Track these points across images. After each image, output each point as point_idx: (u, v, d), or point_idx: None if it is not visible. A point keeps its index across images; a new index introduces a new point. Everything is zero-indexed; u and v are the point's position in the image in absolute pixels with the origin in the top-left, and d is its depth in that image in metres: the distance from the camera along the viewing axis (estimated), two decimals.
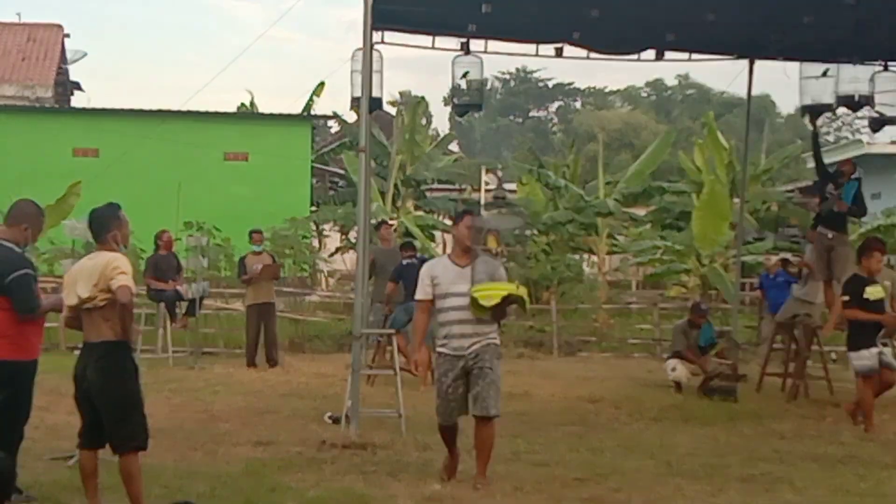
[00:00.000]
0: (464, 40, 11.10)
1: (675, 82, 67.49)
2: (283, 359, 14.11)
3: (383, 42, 10.50)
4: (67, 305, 5.94)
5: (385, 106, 11.97)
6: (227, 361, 14.39)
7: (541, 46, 11.61)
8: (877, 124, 12.41)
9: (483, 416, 6.84)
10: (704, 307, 12.99)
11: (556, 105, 73.57)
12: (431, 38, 11.16)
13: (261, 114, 28.23)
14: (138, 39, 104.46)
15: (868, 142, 27.97)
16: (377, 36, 10.21)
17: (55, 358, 11.43)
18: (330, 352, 15.87)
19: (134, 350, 6.07)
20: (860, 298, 9.42)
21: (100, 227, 5.95)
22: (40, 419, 8.08)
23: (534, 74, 69.85)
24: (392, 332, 10.88)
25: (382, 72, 10.36)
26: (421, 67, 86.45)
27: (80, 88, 33.02)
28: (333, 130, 36.47)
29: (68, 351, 12.85)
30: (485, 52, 11.34)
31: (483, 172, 28.12)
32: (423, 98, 27.47)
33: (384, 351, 12.26)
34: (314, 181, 27.25)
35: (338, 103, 33.52)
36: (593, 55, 11.86)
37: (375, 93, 10.11)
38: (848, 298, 9.54)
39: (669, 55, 12.11)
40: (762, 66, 12.90)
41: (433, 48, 11.25)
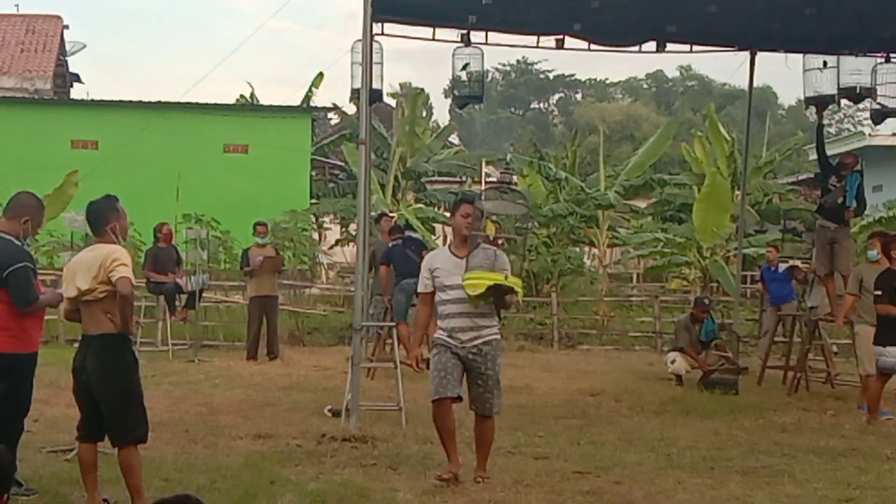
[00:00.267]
0: (464, 32, 11.08)
1: (677, 74, 67.51)
2: (283, 352, 14.10)
3: (383, 33, 10.48)
4: (66, 298, 5.93)
5: (385, 98, 11.93)
6: (227, 354, 14.39)
7: (541, 38, 11.58)
8: (878, 116, 12.39)
9: (485, 415, 6.82)
10: (707, 302, 12.96)
11: (557, 97, 73.56)
12: (432, 30, 11.14)
13: (260, 106, 28.17)
14: (137, 31, 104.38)
15: (870, 133, 27.90)
16: (377, 27, 10.18)
17: (54, 350, 11.44)
18: (330, 344, 15.87)
19: (134, 342, 6.05)
20: (893, 294, 9.33)
21: (98, 220, 5.93)
22: (40, 412, 8.06)
23: (534, 66, 69.84)
24: (392, 325, 10.86)
25: (383, 63, 10.33)
26: (421, 59, 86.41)
27: (80, 80, 33.01)
28: (333, 122, 36.43)
29: (67, 343, 12.87)
30: (485, 44, 11.33)
31: (483, 164, 28.09)
32: (423, 90, 27.44)
33: (384, 344, 12.24)
34: (314, 173, 27.21)
35: (337, 95, 33.56)
36: (594, 47, 11.83)
37: (375, 84, 10.09)
38: (881, 293, 9.43)
39: (670, 47, 12.09)
40: (763, 58, 12.88)
41: (433, 40, 11.23)
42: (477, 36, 11.21)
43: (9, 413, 6.02)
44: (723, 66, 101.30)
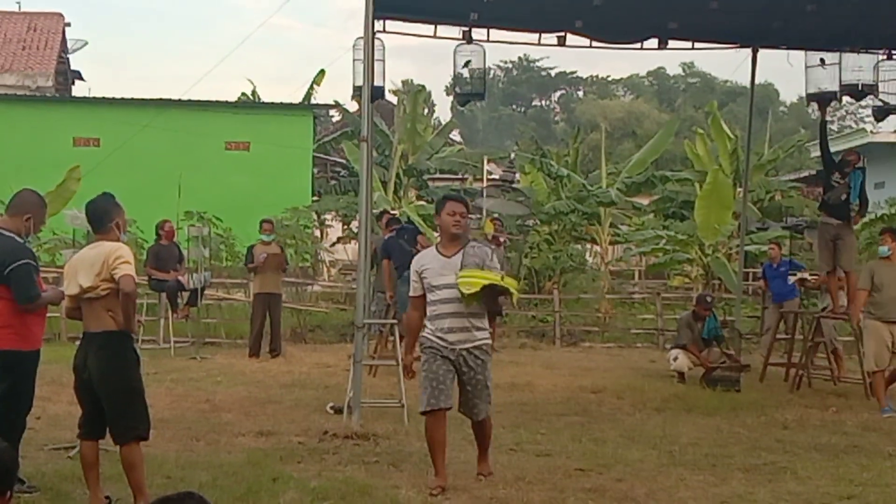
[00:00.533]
0: (466, 29, 11.07)
1: (678, 71, 67.50)
2: (285, 349, 14.11)
3: (385, 31, 10.46)
4: (68, 295, 5.92)
5: (387, 95, 11.92)
6: (229, 351, 14.40)
7: (543, 35, 11.58)
8: (881, 113, 12.39)
9: (475, 420, 6.75)
10: (709, 299, 12.93)
11: (559, 94, 73.55)
12: (433, 27, 11.13)
13: (262, 103, 28.16)
14: (139, 28, 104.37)
15: (872, 130, 27.86)
16: (379, 24, 10.18)
17: (56, 348, 11.44)
18: (332, 342, 15.88)
19: (135, 340, 6.06)
20: None
21: (101, 217, 5.92)
22: (42, 409, 8.07)
23: (536, 63, 69.83)
24: (394, 322, 10.84)
25: (385, 60, 10.33)
26: (423, 56, 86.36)
27: (81, 78, 32.99)
28: (335, 120, 36.41)
29: (69, 341, 12.87)
30: (487, 41, 11.32)
31: (485, 162, 28.07)
32: (425, 87, 27.43)
33: (386, 341, 12.24)
34: (315, 171, 27.20)
35: (339, 92, 33.60)
36: (596, 44, 11.82)
37: (377, 81, 10.09)
38: None
39: (672, 44, 12.07)
40: (765, 55, 12.85)
41: (435, 37, 11.22)
42: (478, 33, 11.20)
43: (11, 410, 6.03)
44: (725, 63, 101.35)
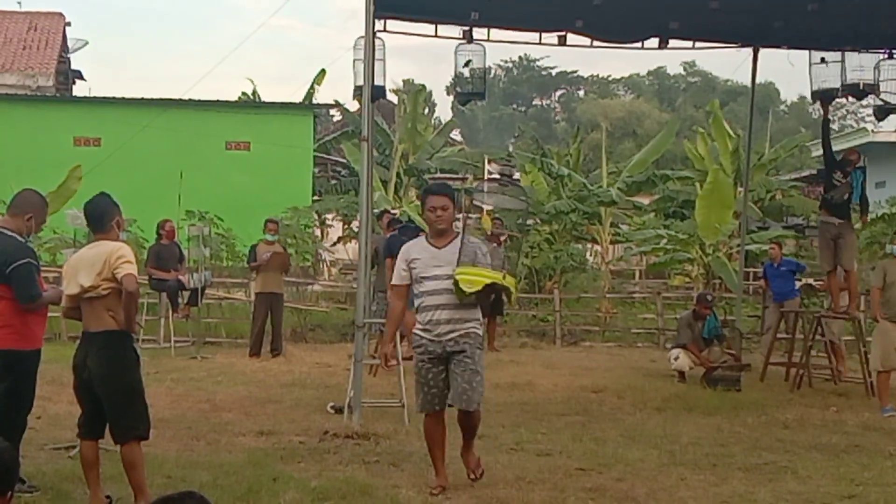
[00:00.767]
0: (466, 28, 11.05)
1: (679, 70, 67.51)
2: (286, 348, 14.10)
3: (385, 30, 10.45)
4: (67, 295, 5.90)
5: (388, 94, 11.92)
6: (230, 351, 14.39)
7: (544, 35, 11.56)
8: (882, 112, 12.37)
9: (464, 410, 6.43)
10: (710, 298, 12.93)
11: (559, 93, 73.55)
12: (434, 27, 11.11)
13: (262, 103, 28.17)
14: (140, 28, 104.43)
15: (873, 130, 27.86)
16: (379, 24, 10.17)
17: (57, 348, 11.43)
18: (332, 341, 15.87)
19: (136, 339, 6.05)
20: None
21: (101, 216, 5.92)
22: (42, 409, 8.07)
23: (536, 63, 69.85)
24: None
25: (385, 60, 10.32)
26: (423, 56, 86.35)
27: (82, 77, 32.97)
28: (336, 119, 36.42)
29: (70, 341, 12.86)
30: (487, 41, 11.31)
31: (486, 161, 28.08)
32: (424, 86, 27.43)
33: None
34: (316, 170, 27.20)
35: (339, 92, 33.66)
36: (596, 43, 11.81)
37: (378, 81, 10.07)
38: None
39: (673, 43, 12.05)
40: (766, 55, 12.85)
41: (436, 36, 11.21)
42: (479, 32, 11.19)
43: (12, 410, 6.03)
44: (726, 63, 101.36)
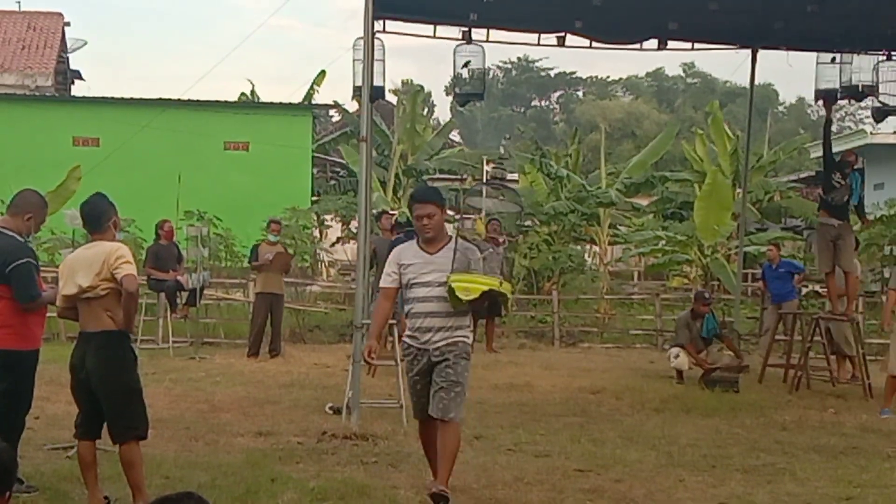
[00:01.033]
0: (465, 29, 11.06)
1: (678, 72, 67.52)
2: (284, 349, 14.10)
3: (385, 31, 10.46)
4: (64, 295, 5.87)
5: (387, 95, 11.91)
6: (228, 351, 14.38)
7: (543, 36, 11.57)
8: (880, 114, 12.39)
9: (440, 419, 6.16)
10: (707, 296, 12.94)
11: (558, 94, 73.52)
12: (433, 27, 11.13)
13: (261, 103, 28.16)
14: (139, 28, 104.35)
15: (871, 132, 27.86)
16: (379, 24, 10.18)
17: (55, 348, 11.41)
18: (331, 342, 15.86)
19: (133, 340, 6.04)
20: None
21: (99, 217, 5.91)
22: (40, 409, 8.06)
23: (535, 64, 69.81)
24: (393, 323, 10.82)
25: (384, 60, 10.32)
26: (422, 56, 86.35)
27: (81, 77, 32.97)
28: (334, 120, 36.41)
29: (68, 341, 12.85)
30: (486, 41, 11.31)
31: (485, 162, 28.08)
32: (423, 87, 27.45)
33: (385, 341, 12.22)
34: (315, 171, 27.19)
35: (339, 92, 33.60)
36: (595, 44, 11.81)
37: (377, 82, 10.08)
38: None
39: (672, 44, 12.07)
40: (765, 56, 12.86)
41: (435, 37, 11.22)
42: (478, 33, 11.20)
43: (10, 410, 6.03)
44: (725, 64, 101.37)
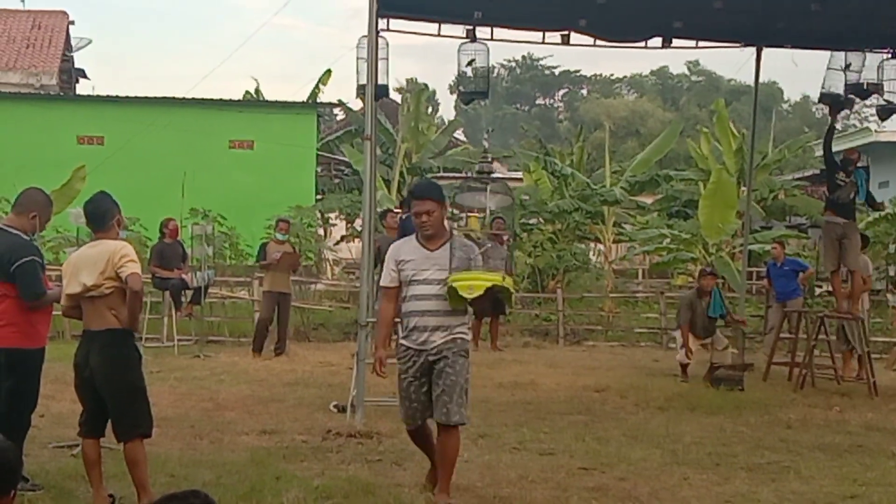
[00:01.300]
0: (470, 27, 11.04)
1: (682, 70, 67.44)
2: (289, 347, 14.11)
3: (388, 29, 10.45)
4: (68, 294, 5.88)
5: (391, 93, 11.92)
6: (233, 350, 14.40)
7: (547, 34, 11.55)
8: (885, 112, 12.36)
9: (444, 424, 5.98)
10: (710, 270, 12.87)
11: (562, 93, 73.49)
12: (437, 26, 11.10)
13: (266, 101, 28.17)
14: (143, 27, 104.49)
15: (876, 130, 27.82)
16: (383, 23, 10.17)
17: (60, 346, 11.43)
18: (335, 340, 15.87)
19: (138, 338, 6.06)
20: None
21: (103, 215, 5.91)
22: (45, 407, 8.07)
23: (540, 62, 69.79)
24: (398, 321, 10.81)
25: (388, 59, 10.32)
26: (427, 55, 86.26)
27: (85, 76, 33.01)
28: (339, 118, 36.42)
29: (73, 339, 12.87)
30: (491, 40, 11.29)
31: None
32: (427, 85, 27.46)
33: (390, 340, 12.21)
34: (319, 169, 27.21)
35: (343, 91, 33.55)
36: (600, 43, 11.80)
37: (381, 80, 10.07)
38: None
39: (676, 43, 12.04)
40: (769, 54, 12.83)
41: (439, 35, 11.20)
42: (482, 32, 11.18)
43: (15, 408, 6.04)
44: (729, 62, 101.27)
